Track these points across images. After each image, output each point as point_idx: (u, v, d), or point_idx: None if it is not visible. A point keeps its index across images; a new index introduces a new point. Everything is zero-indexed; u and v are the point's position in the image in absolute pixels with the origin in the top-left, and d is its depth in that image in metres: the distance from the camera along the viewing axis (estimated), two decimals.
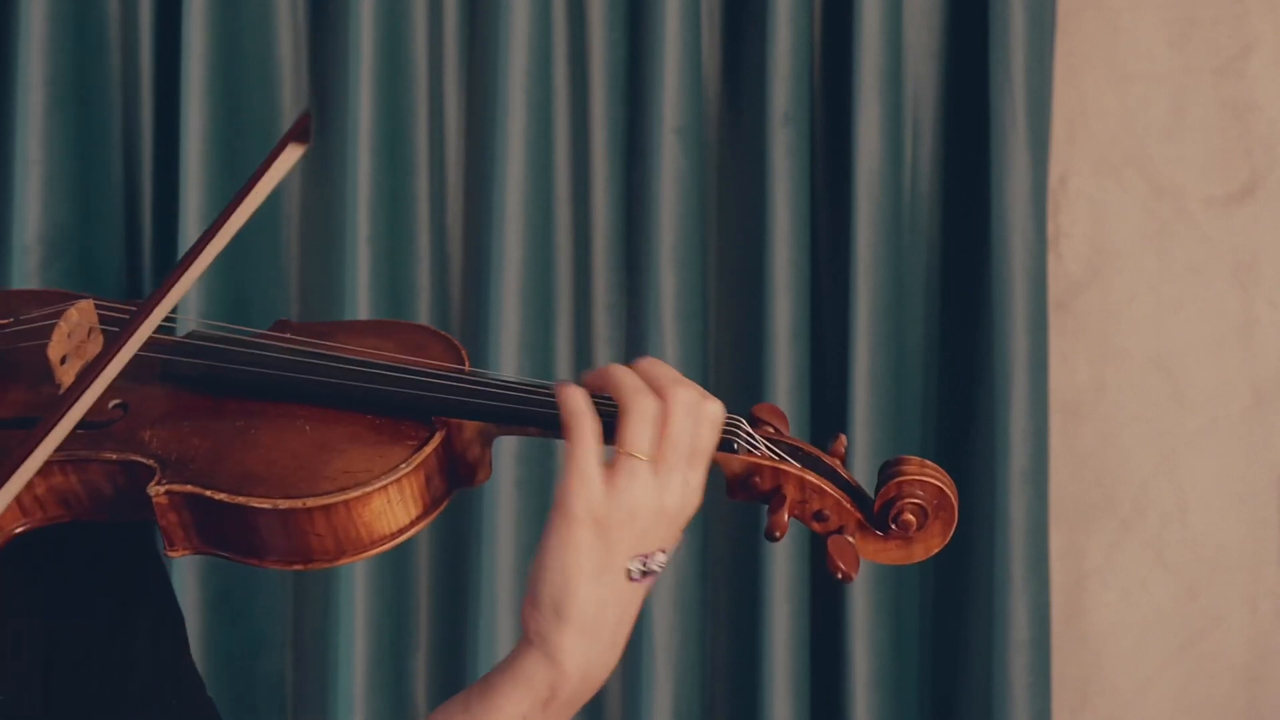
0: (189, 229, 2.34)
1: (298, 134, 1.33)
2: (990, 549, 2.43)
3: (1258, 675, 2.59)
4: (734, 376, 2.48)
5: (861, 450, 2.41)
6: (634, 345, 2.44)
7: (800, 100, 2.39)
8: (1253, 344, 2.56)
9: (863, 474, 2.42)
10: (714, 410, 1.21)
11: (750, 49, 2.45)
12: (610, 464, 1.19)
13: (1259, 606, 2.58)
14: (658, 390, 1.20)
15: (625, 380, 1.21)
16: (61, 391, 1.24)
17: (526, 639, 1.21)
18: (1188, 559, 2.58)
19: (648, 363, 1.22)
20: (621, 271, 2.46)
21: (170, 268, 2.41)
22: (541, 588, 1.19)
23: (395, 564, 2.38)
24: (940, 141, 2.49)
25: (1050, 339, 2.49)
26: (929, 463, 1.27)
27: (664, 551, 1.21)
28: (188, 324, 1.34)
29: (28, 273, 2.32)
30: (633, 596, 1.21)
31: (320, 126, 2.44)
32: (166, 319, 1.25)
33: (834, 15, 2.45)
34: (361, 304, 2.34)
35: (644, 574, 1.21)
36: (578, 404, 1.19)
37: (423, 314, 2.41)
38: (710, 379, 2.46)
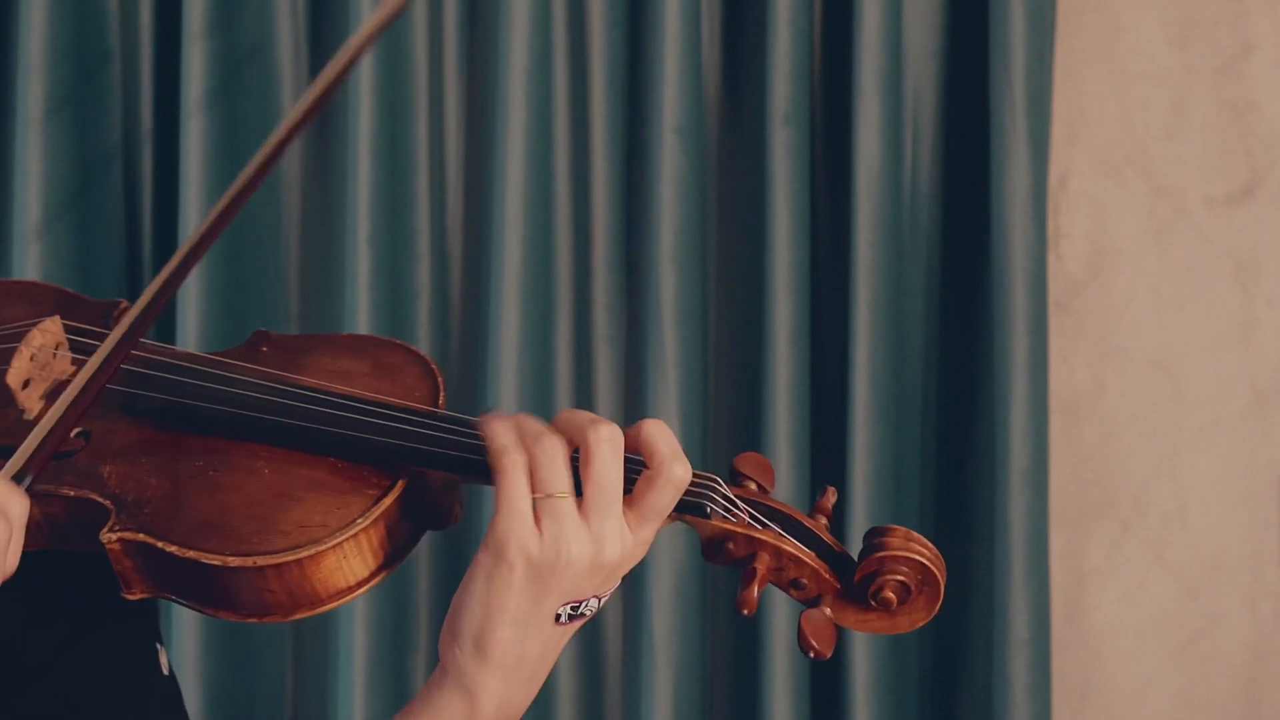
0: (189, 230, 2.33)
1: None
2: (990, 549, 2.43)
3: (1258, 675, 2.59)
4: (734, 376, 2.47)
5: (862, 450, 2.41)
6: (634, 345, 2.44)
7: (800, 100, 2.39)
8: (1253, 344, 2.56)
9: (865, 477, 2.43)
10: (680, 473, 1.14)
11: (750, 49, 2.45)
12: (536, 510, 1.13)
13: (1259, 606, 2.58)
14: (575, 433, 1.14)
15: (527, 424, 1.15)
16: (27, 417, 1.20)
17: (443, 670, 1.18)
18: (1188, 559, 2.57)
19: (568, 412, 1.17)
20: (621, 271, 2.46)
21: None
22: (463, 622, 1.16)
23: None
24: (940, 141, 2.49)
25: (1050, 339, 2.49)
26: (915, 535, 1.19)
27: (598, 598, 1.17)
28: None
29: (28, 272, 2.32)
30: (558, 638, 1.17)
31: (320, 127, 2.44)
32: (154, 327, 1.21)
33: (834, 15, 2.45)
34: (361, 304, 2.34)
35: (573, 618, 1.17)
36: (505, 439, 1.14)
37: (423, 314, 2.41)
38: (710, 379, 2.46)
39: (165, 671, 1.31)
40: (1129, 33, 2.54)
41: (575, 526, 1.13)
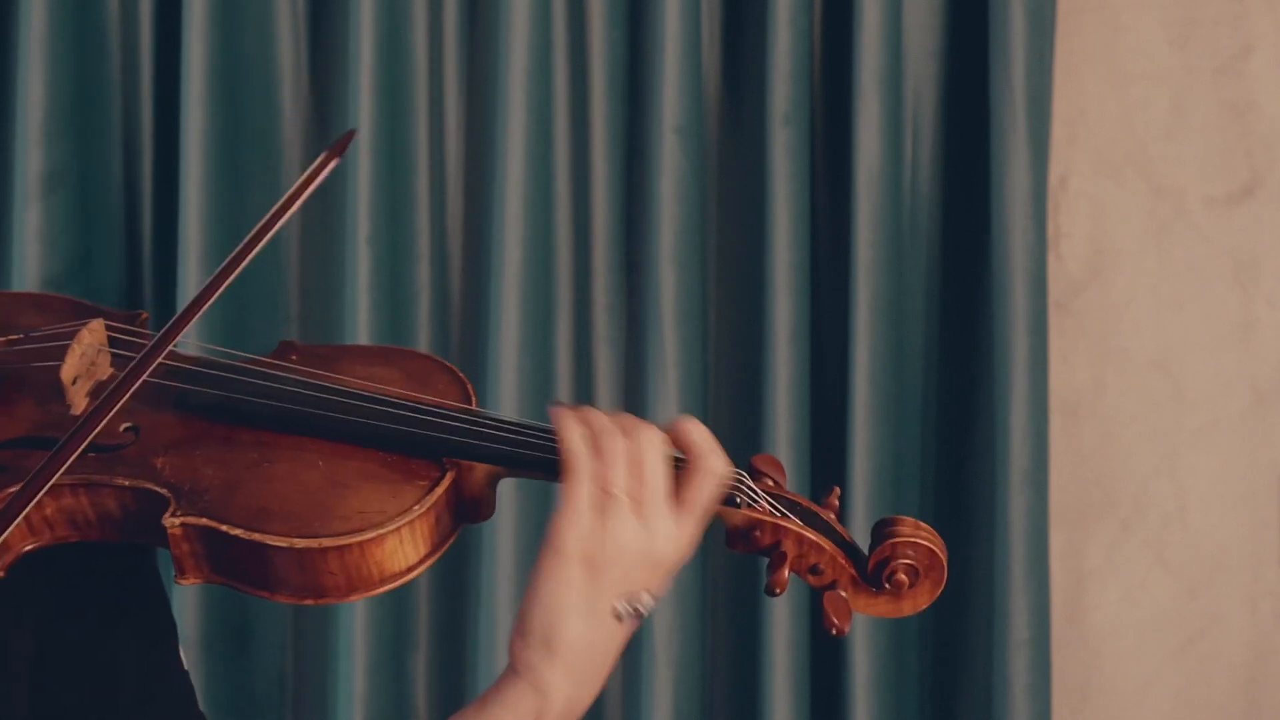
0: (189, 230, 2.34)
1: (339, 148, 1.35)
2: (990, 549, 2.43)
3: (1258, 675, 2.59)
4: (734, 376, 2.48)
5: (862, 450, 2.41)
6: (634, 345, 2.44)
7: (800, 100, 2.39)
8: (1253, 344, 2.56)
9: (865, 477, 2.43)
10: (719, 466, 1.24)
11: (750, 49, 2.45)
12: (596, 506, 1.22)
13: (1259, 606, 2.58)
14: (626, 434, 1.24)
15: (595, 420, 1.24)
16: (73, 413, 1.24)
17: (514, 669, 1.24)
18: (1188, 559, 2.58)
19: (617, 414, 1.26)
20: (621, 271, 2.46)
21: (170, 271, 2.41)
22: (532, 621, 1.23)
23: None
24: (940, 141, 2.49)
25: (1050, 339, 2.49)
26: (923, 524, 1.30)
27: (650, 594, 1.25)
28: (197, 347, 1.33)
29: (28, 271, 2.32)
30: (618, 635, 1.24)
31: (320, 127, 2.44)
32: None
33: (834, 15, 2.45)
34: (361, 304, 2.35)
35: (631, 615, 1.24)
36: (579, 442, 1.23)
37: (423, 314, 2.41)
38: (710, 379, 2.46)
39: (185, 666, 1.34)
40: (1129, 33, 2.54)
41: (630, 524, 1.22)
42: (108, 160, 2.39)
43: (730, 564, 2.48)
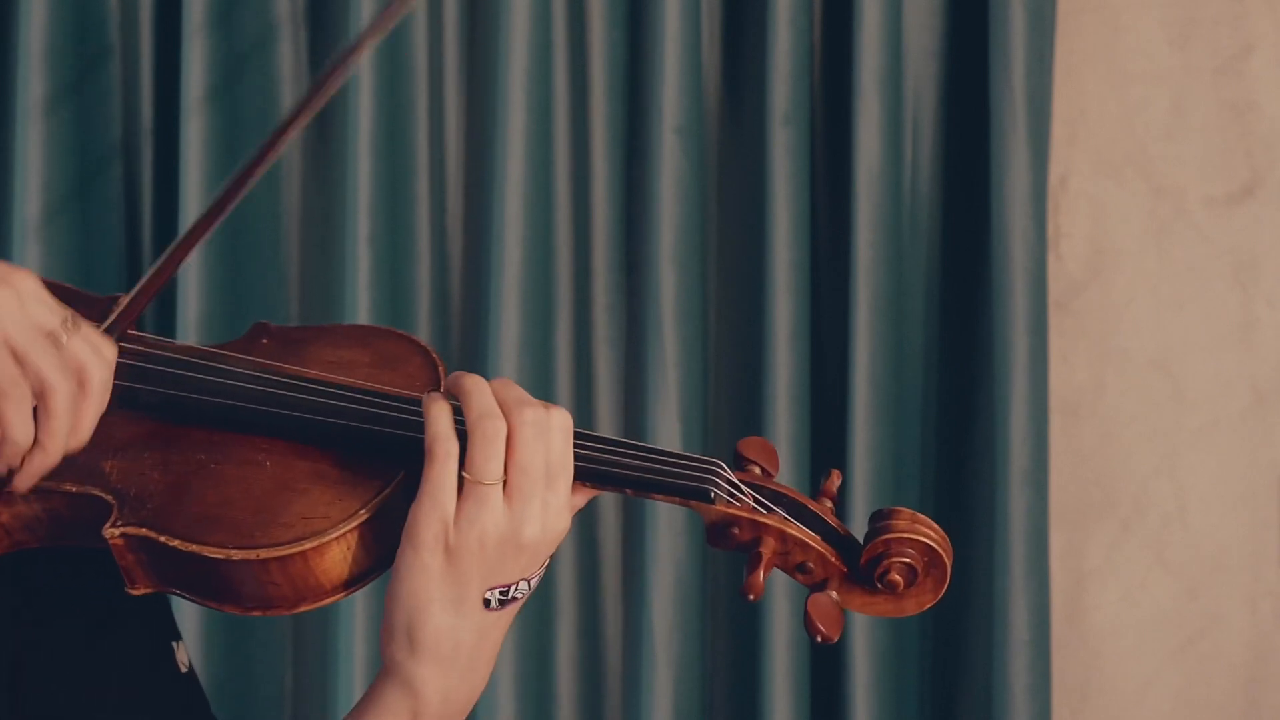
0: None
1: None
2: (990, 549, 2.43)
3: (1258, 675, 2.59)
4: (734, 376, 2.48)
5: (862, 450, 2.41)
6: (634, 345, 2.44)
7: (800, 100, 2.39)
8: (1253, 344, 2.56)
9: (865, 477, 2.43)
10: (559, 419, 1.16)
11: (750, 49, 2.45)
12: (460, 493, 1.14)
13: (1259, 606, 2.58)
14: (503, 410, 1.15)
15: (475, 400, 1.16)
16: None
17: (384, 669, 1.18)
18: (1188, 559, 2.58)
19: (499, 383, 1.18)
20: (621, 271, 2.46)
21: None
22: (394, 616, 1.16)
23: None
24: (940, 141, 2.49)
25: (1050, 339, 2.49)
26: (921, 517, 1.20)
27: (526, 580, 1.17)
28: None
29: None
30: (492, 624, 1.18)
31: (320, 126, 2.44)
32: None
33: (834, 15, 2.45)
34: (362, 304, 2.34)
35: (503, 603, 1.17)
36: (443, 427, 1.15)
37: (422, 314, 2.41)
38: (710, 379, 2.46)
39: (184, 669, 1.30)
40: (1129, 33, 2.54)
41: (495, 511, 1.14)
42: (108, 162, 2.39)
43: (730, 563, 2.48)
